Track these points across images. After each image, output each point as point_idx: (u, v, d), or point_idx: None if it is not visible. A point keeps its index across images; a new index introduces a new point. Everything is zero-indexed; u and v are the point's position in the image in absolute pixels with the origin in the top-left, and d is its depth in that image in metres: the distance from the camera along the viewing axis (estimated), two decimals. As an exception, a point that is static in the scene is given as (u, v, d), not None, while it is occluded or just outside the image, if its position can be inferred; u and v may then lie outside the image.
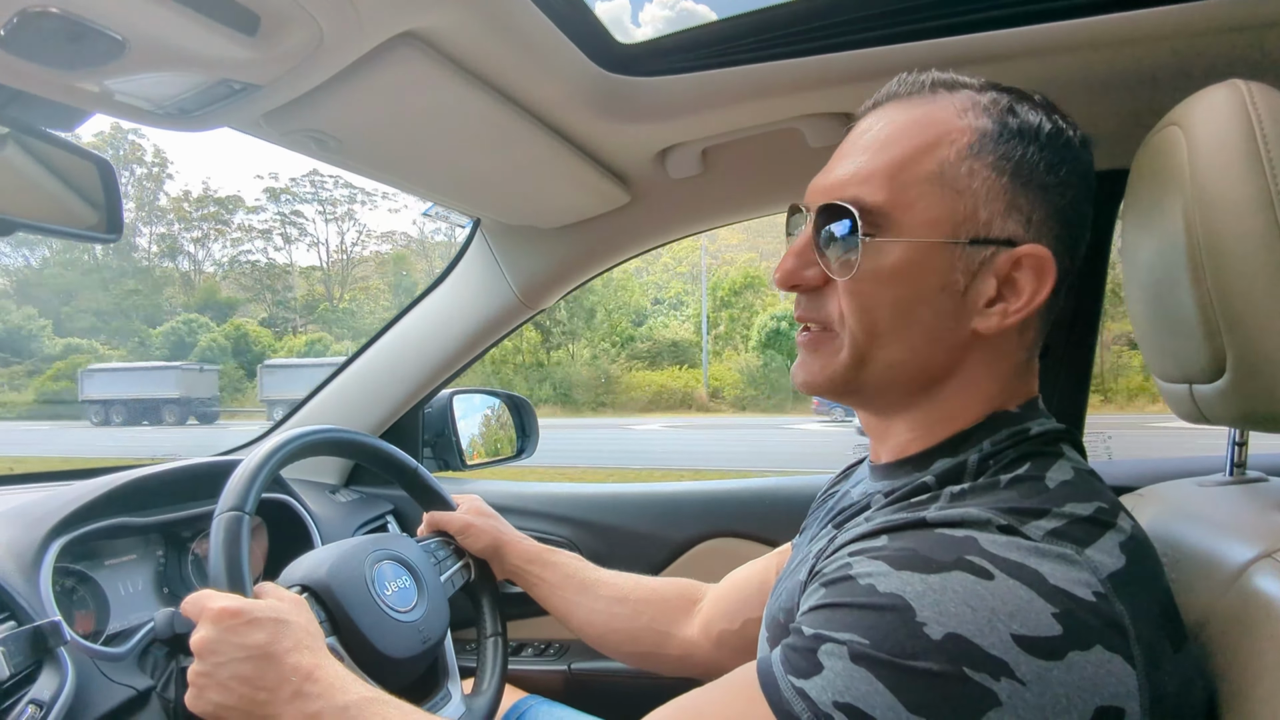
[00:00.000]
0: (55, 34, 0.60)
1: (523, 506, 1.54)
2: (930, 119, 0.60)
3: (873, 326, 0.60)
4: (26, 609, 0.80)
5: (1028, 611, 0.45)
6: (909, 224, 0.58)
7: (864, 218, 0.58)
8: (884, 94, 0.64)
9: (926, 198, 0.58)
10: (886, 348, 0.60)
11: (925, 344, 0.60)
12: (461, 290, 1.46)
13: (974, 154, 0.58)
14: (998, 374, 0.62)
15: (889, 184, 0.59)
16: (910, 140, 0.59)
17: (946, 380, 0.62)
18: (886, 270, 0.59)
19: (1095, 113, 0.95)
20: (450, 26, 0.74)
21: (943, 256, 0.58)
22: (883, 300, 0.59)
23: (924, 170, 0.58)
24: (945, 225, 0.58)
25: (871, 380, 0.62)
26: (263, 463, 0.84)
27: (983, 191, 0.58)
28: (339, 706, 0.68)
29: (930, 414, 0.63)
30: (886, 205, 0.58)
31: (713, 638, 0.95)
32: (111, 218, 0.80)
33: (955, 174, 0.58)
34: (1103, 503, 0.54)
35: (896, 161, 0.59)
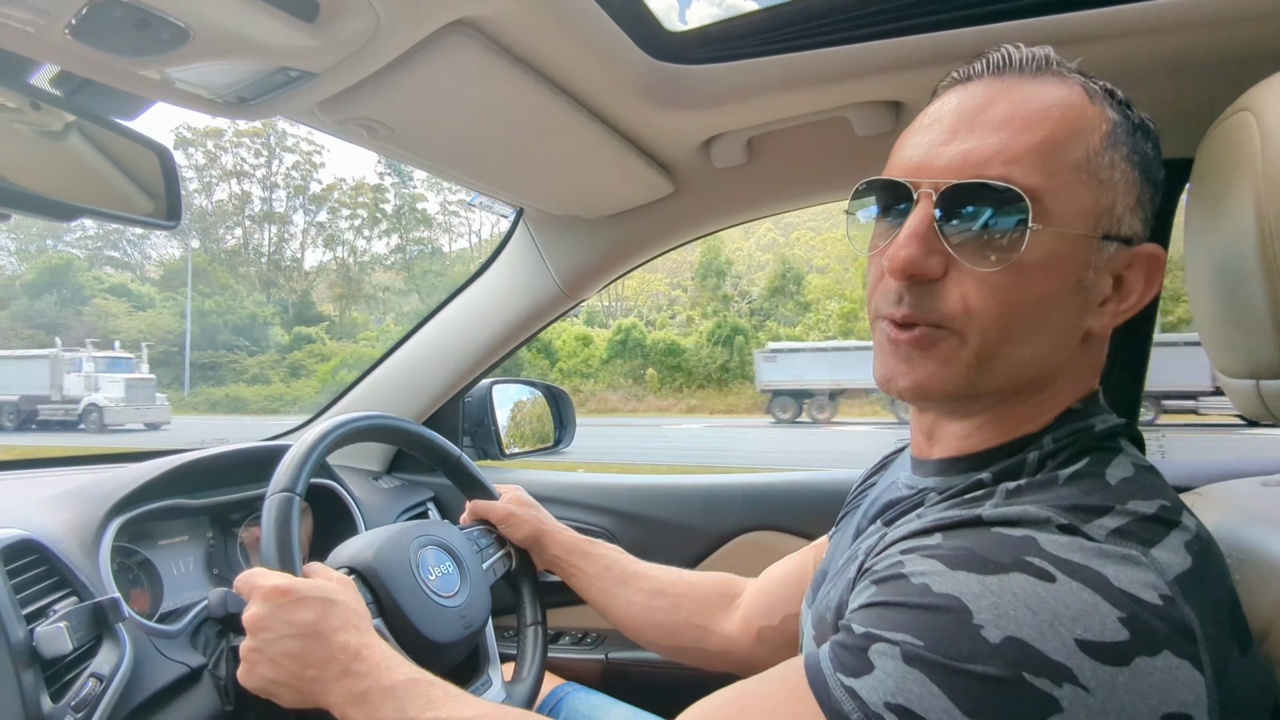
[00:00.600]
0: (122, 22, 0.61)
1: (562, 496, 1.54)
2: (1065, 100, 0.55)
3: (1010, 324, 0.55)
4: (88, 586, 0.83)
5: (1092, 616, 0.44)
6: (1060, 213, 0.54)
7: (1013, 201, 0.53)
8: (994, 64, 0.58)
9: (1074, 186, 0.54)
10: (1017, 347, 0.56)
11: (1053, 344, 0.57)
12: (503, 280, 1.46)
13: (1113, 144, 0.55)
14: (1090, 373, 0.61)
15: (1042, 166, 0.53)
16: (1056, 121, 0.54)
17: (1054, 381, 0.59)
18: (1036, 262, 0.54)
19: (1160, 99, 0.92)
20: (502, 13, 0.74)
21: (1083, 251, 0.55)
22: (1026, 296, 0.54)
23: (1073, 156, 0.54)
24: (1090, 218, 0.55)
25: (990, 384, 0.57)
26: (313, 447, 0.85)
27: (1121, 184, 0.55)
28: (385, 686, 0.69)
29: (1012, 414, 0.60)
30: (1042, 190, 0.53)
31: (752, 633, 0.95)
32: (170, 205, 0.82)
33: (1100, 164, 0.55)
34: (1165, 500, 0.52)
35: (1045, 142, 0.54)
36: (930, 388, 0.58)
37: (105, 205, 0.79)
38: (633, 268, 1.46)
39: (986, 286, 0.54)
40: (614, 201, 1.29)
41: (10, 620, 0.72)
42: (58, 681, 0.74)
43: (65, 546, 0.85)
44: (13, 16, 0.59)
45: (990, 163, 0.54)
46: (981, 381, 0.57)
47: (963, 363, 0.56)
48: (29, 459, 1.21)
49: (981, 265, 0.54)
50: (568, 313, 1.51)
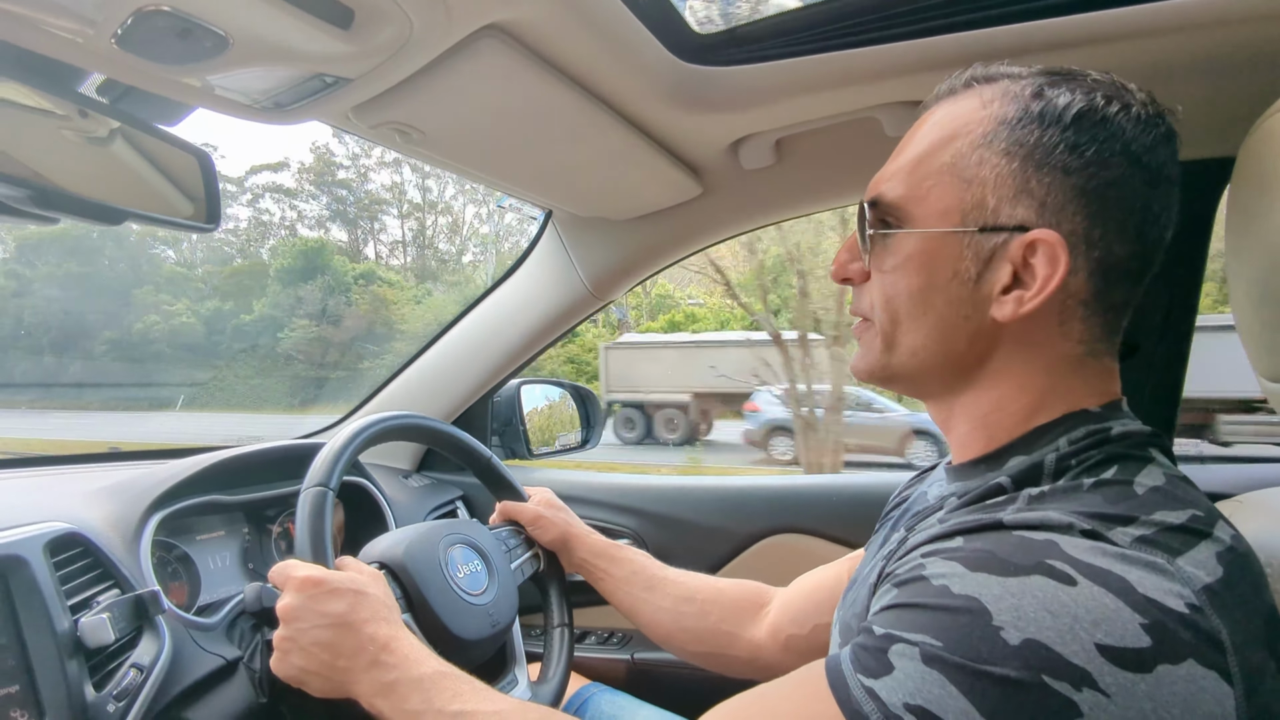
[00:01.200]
0: (166, 31, 0.63)
1: (588, 496, 1.55)
2: (954, 114, 0.61)
3: (894, 315, 0.63)
4: (129, 578, 0.85)
5: (1114, 620, 0.43)
6: (921, 216, 0.61)
7: (882, 213, 0.63)
8: (935, 93, 0.66)
9: (938, 189, 0.60)
10: (908, 334, 0.63)
11: (942, 331, 0.62)
12: (532, 281, 1.48)
13: (986, 143, 0.59)
14: (1041, 365, 0.60)
15: (907, 180, 0.62)
16: (932, 137, 0.62)
17: (980, 369, 0.62)
18: (901, 261, 0.62)
19: (1198, 98, 0.90)
20: (532, 18, 0.75)
21: (952, 245, 0.60)
22: (900, 289, 0.62)
23: (938, 163, 0.60)
24: (954, 214, 0.60)
25: (901, 366, 0.65)
26: (347, 443, 0.87)
27: (991, 178, 0.58)
28: (413, 678, 0.70)
29: (977, 406, 0.63)
30: (902, 200, 0.62)
31: (781, 641, 0.94)
32: (210, 208, 0.84)
33: (965, 164, 0.59)
34: (1198, 510, 0.51)
35: (916, 158, 0.62)
36: (859, 369, 0.69)
37: (148, 209, 0.81)
38: (660, 269, 1.46)
39: (875, 285, 0.65)
40: (642, 203, 1.30)
41: (56, 611, 0.74)
42: (100, 671, 0.76)
43: (108, 540, 0.87)
44: (63, 27, 0.61)
45: (878, 183, 0.65)
46: (893, 365, 0.65)
47: (875, 349, 0.66)
48: (73, 454, 1.25)
49: (870, 267, 0.65)
50: (595, 313, 1.52)
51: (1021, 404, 0.61)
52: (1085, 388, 0.60)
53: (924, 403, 0.70)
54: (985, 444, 0.63)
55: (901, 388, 0.69)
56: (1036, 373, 0.60)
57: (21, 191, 0.67)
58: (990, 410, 0.62)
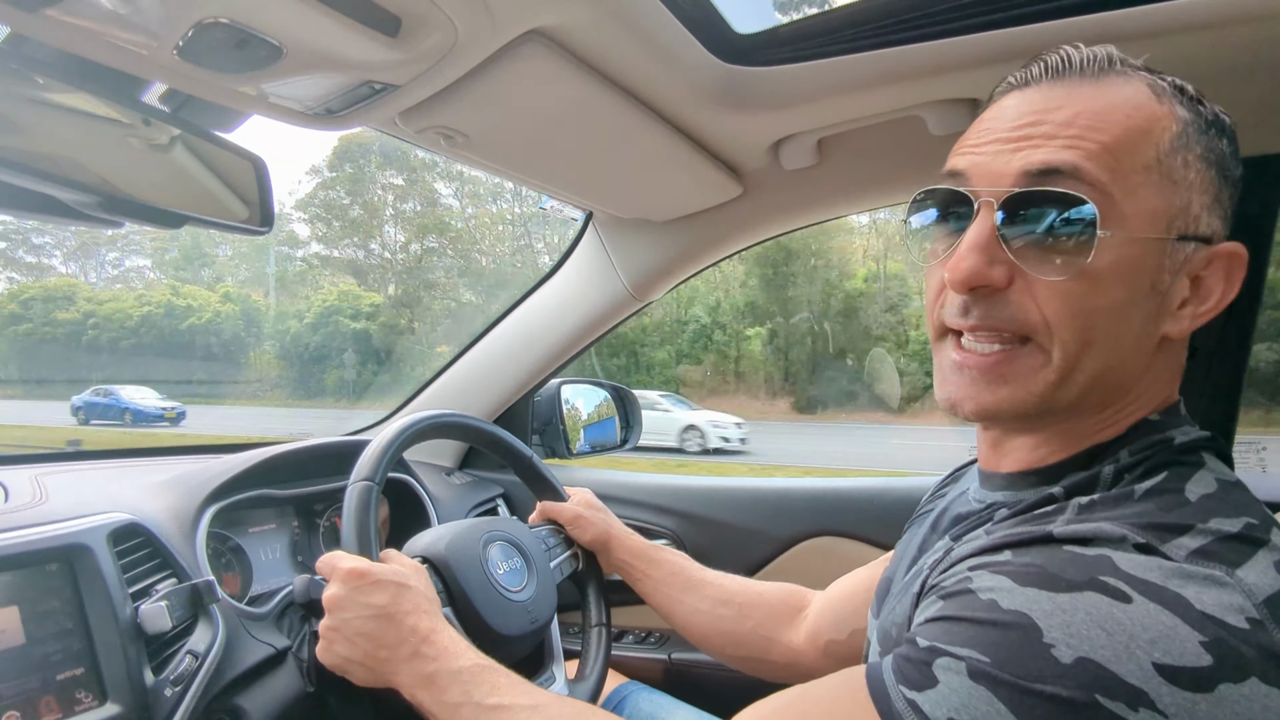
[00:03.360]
0: (224, 42, 0.65)
1: (627, 496, 1.56)
2: (1131, 101, 0.54)
3: (1087, 333, 0.53)
4: (185, 568, 0.89)
5: (1171, 639, 0.42)
6: (1130, 216, 0.52)
7: (1079, 201, 0.52)
8: (1053, 68, 0.57)
9: (1145, 188, 0.53)
10: (1096, 358, 0.54)
11: (1131, 350, 0.55)
12: (573, 282, 1.49)
13: (1184, 144, 0.54)
14: (1167, 379, 0.58)
15: (1110, 169, 0.52)
16: (1121, 123, 0.53)
17: (1132, 389, 0.57)
18: (1107, 267, 0.52)
19: (1255, 93, 0.86)
20: (575, 22, 0.76)
21: (1156, 254, 0.53)
22: (1100, 303, 0.53)
23: (1144, 157, 0.53)
24: (1162, 220, 0.53)
25: (1067, 399, 0.56)
26: (393, 440, 0.89)
27: (1197, 184, 0.54)
28: (453, 670, 0.72)
29: (1085, 425, 0.58)
30: (1110, 193, 0.52)
31: (820, 646, 0.94)
32: (264, 212, 0.87)
33: (1171, 164, 0.53)
34: (1253, 518, 0.49)
35: (1114, 145, 0.52)
36: (1001, 410, 0.57)
37: (206, 213, 0.84)
38: (700, 270, 1.46)
39: (1058, 295, 0.53)
40: (682, 204, 1.30)
41: (119, 598, 0.78)
42: (159, 656, 0.79)
43: (166, 531, 0.91)
44: (129, 40, 0.64)
45: (1055, 168, 0.53)
46: (1059, 397, 0.55)
47: (1042, 381, 0.55)
48: (133, 448, 1.30)
49: (1049, 273, 0.53)
50: (635, 315, 1.52)
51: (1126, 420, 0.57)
52: (1158, 395, 0.58)
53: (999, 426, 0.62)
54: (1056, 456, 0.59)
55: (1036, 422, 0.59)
56: (1161, 386, 0.58)
57: (91, 197, 0.70)
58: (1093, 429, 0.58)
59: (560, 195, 1.26)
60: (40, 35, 0.63)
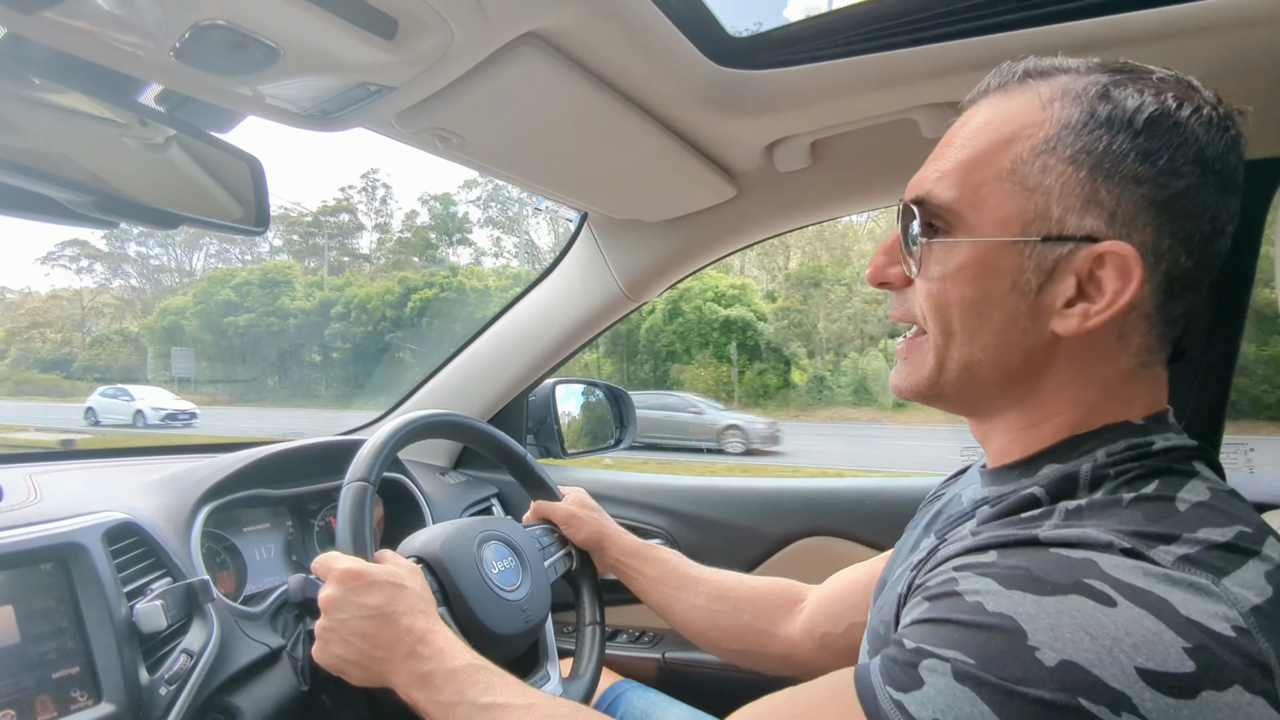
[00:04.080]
0: (221, 44, 0.66)
1: (621, 496, 1.56)
2: (1012, 113, 0.58)
3: (947, 326, 0.60)
4: (180, 567, 0.89)
5: (1155, 644, 0.42)
6: (977, 223, 0.58)
7: (933, 216, 0.59)
8: (979, 88, 0.62)
9: (996, 195, 0.57)
10: (961, 348, 0.60)
11: (999, 345, 0.59)
12: (567, 282, 1.49)
13: (1049, 148, 0.55)
14: (1096, 380, 0.58)
15: (961, 182, 0.58)
16: (988, 137, 0.58)
17: (1034, 384, 0.60)
18: (954, 269, 0.58)
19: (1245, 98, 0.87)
20: (570, 25, 0.76)
21: (1012, 255, 0.57)
22: (953, 300, 0.59)
23: (997, 168, 0.57)
24: (1015, 224, 0.56)
25: (952, 383, 0.62)
26: (387, 440, 0.90)
27: (1056, 187, 0.55)
28: (448, 670, 0.72)
29: (1023, 418, 0.61)
30: (955, 203, 0.58)
31: (816, 639, 0.94)
32: (259, 212, 0.87)
33: (1027, 170, 0.56)
34: (1245, 527, 0.49)
35: (971, 159, 0.58)
36: (905, 387, 0.65)
37: (201, 213, 0.84)
38: (694, 271, 1.47)
39: (922, 293, 0.61)
40: (676, 205, 1.31)
41: (114, 597, 0.78)
42: (153, 655, 0.79)
43: (161, 530, 0.91)
44: (126, 41, 0.64)
45: (925, 183, 0.61)
46: (943, 382, 0.62)
47: (928, 365, 0.62)
48: (128, 447, 1.30)
49: (915, 274, 0.61)
50: (629, 315, 1.53)
51: (1069, 417, 0.59)
52: (1133, 399, 0.59)
53: (967, 419, 0.67)
54: (1022, 451, 0.61)
55: (948, 405, 0.65)
56: (1090, 386, 0.58)
57: (86, 197, 0.70)
58: (1036, 422, 0.60)
59: (555, 196, 1.26)
60: (37, 36, 0.63)
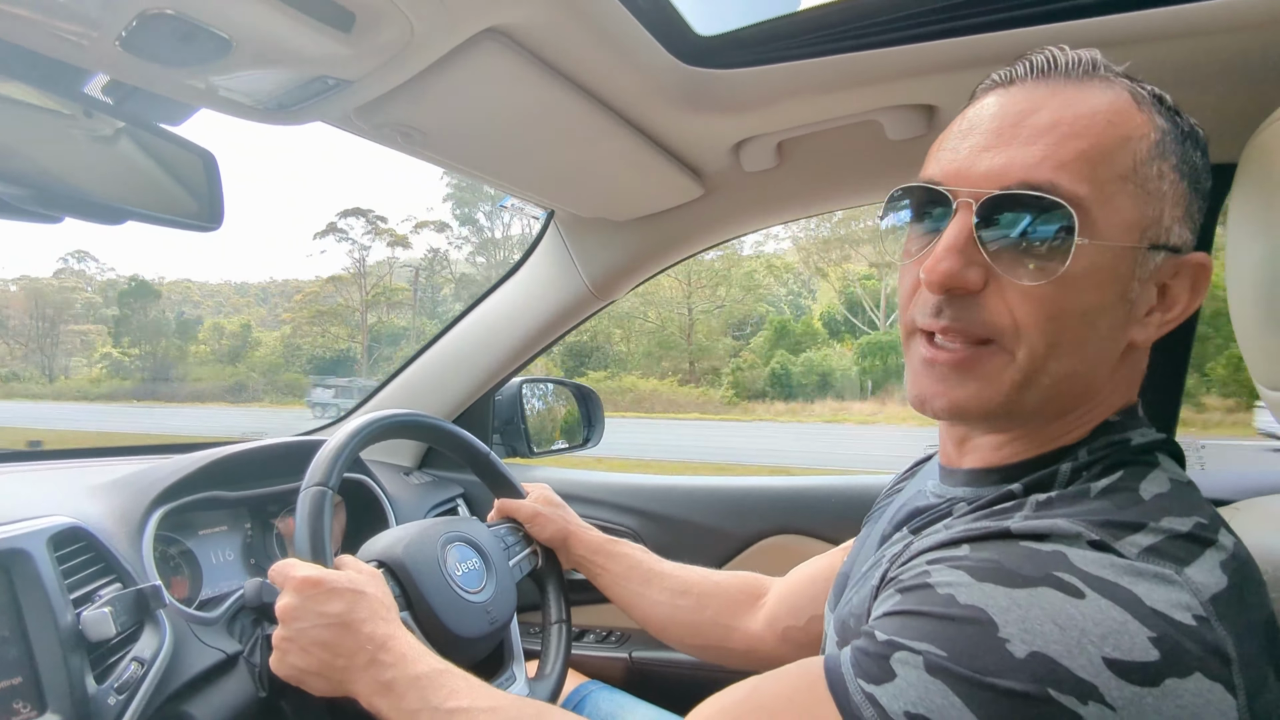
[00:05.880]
0: (169, 34, 0.64)
1: (588, 495, 1.56)
2: (1113, 107, 0.54)
3: (1055, 337, 0.54)
4: (131, 573, 0.86)
5: (1121, 634, 0.43)
6: (1105, 224, 0.52)
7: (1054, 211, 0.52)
8: (1038, 67, 0.57)
9: (1121, 196, 0.53)
10: (1062, 361, 0.54)
11: (1097, 356, 0.56)
12: (534, 281, 1.48)
13: (1160, 154, 0.54)
14: (1130, 384, 0.59)
15: (1088, 176, 0.52)
16: (1101, 129, 0.53)
17: (1094, 395, 0.58)
18: (1081, 274, 0.52)
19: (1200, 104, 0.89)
20: (533, 21, 0.75)
21: (1129, 262, 0.54)
22: (1071, 308, 0.53)
23: (1121, 166, 0.53)
24: (1136, 229, 0.53)
25: (1033, 401, 0.56)
26: (346, 442, 0.88)
27: (1170, 195, 0.54)
28: (411, 676, 0.71)
29: (1051, 428, 0.59)
30: (1087, 200, 0.52)
31: (778, 633, 0.95)
32: (212, 208, 0.84)
33: (1147, 173, 0.53)
34: (1202, 518, 0.51)
35: (1092, 151, 0.52)
36: (969, 408, 0.57)
37: (152, 208, 0.82)
38: (661, 270, 1.47)
39: (1031, 299, 0.53)
40: (643, 204, 1.30)
41: (59, 605, 0.75)
42: (102, 664, 0.77)
43: (110, 534, 0.88)
44: (68, 30, 0.62)
45: (1034, 171, 0.52)
46: (1024, 399, 0.56)
47: (1008, 381, 0.55)
48: (78, 449, 1.26)
49: (1024, 278, 0.53)
50: (596, 314, 1.52)
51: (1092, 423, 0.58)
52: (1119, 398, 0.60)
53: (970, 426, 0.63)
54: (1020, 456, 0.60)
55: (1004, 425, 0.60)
56: (1123, 391, 0.59)
57: (26, 190, 0.67)
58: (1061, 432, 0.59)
59: (521, 194, 1.25)
60: (-26, 22, 0.61)
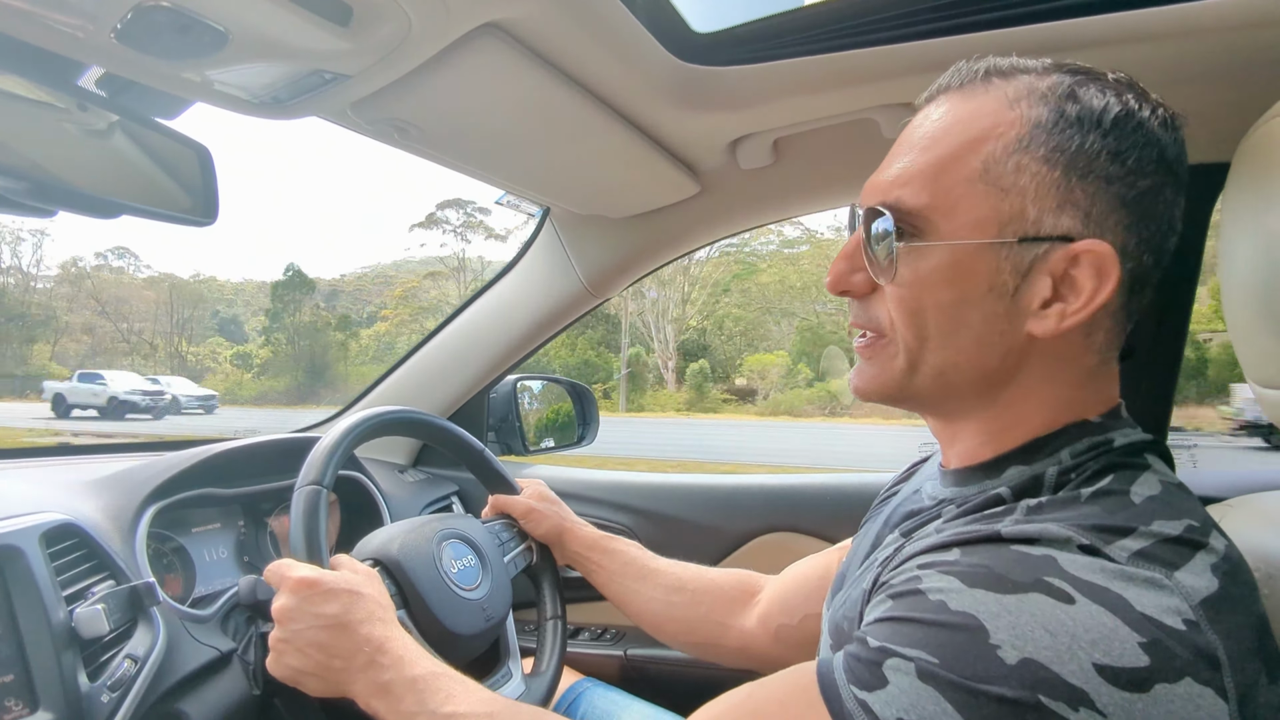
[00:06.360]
0: (165, 26, 0.63)
1: (584, 493, 1.56)
2: (979, 112, 0.57)
3: (921, 331, 0.58)
4: (124, 570, 0.86)
5: (1111, 640, 0.43)
6: (951, 226, 0.56)
7: (903, 221, 0.57)
8: (937, 86, 0.61)
9: (969, 198, 0.56)
10: (936, 352, 0.59)
11: (976, 348, 0.58)
12: (529, 278, 1.48)
13: (1023, 148, 0.55)
14: (1065, 379, 0.59)
15: (931, 185, 0.57)
16: (956, 137, 0.57)
17: (1007, 385, 0.59)
18: (928, 273, 0.57)
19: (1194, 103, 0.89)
20: (531, 17, 0.75)
21: (988, 257, 0.56)
22: (927, 304, 0.58)
23: (968, 169, 0.56)
24: (990, 225, 0.55)
25: (925, 386, 0.61)
26: (340, 440, 0.87)
27: (1031, 188, 0.54)
28: (408, 678, 0.71)
29: (995, 420, 0.61)
30: (927, 209, 0.57)
31: (771, 631, 0.95)
32: (207, 203, 0.84)
33: (1001, 171, 0.55)
34: (1193, 520, 0.51)
35: (940, 161, 0.57)
36: (871, 389, 0.64)
37: (146, 203, 0.81)
38: (657, 267, 1.47)
39: (894, 298, 0.59)
40: (639, 201, 1.30)
41: (52, 602, 0.75)
42: (95, 661, 0.76)
43: (104, 531, 0.88)
44: (63, 21, 0.61)
45: (891, 186, 0.59)
46: (915, 384, 0.61)
47: (896, 368, 0.61)
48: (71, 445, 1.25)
49: (884, 280, 0.60)
50: (591, 311, 1.52)
51: (1040, 418, 0.59)
52: (1092, 396, 0.60)
53: (926, 418, 0.67)
54: (990, 453, 0.61)
55: (915, 406, 0.65)
56: (1060, 385, 0.59)
57: (20, 184, 0.67)
58: (1008, 425, 0.60)
59: (517, 191, 1.25)
60: (-34, 14, 0.60)
